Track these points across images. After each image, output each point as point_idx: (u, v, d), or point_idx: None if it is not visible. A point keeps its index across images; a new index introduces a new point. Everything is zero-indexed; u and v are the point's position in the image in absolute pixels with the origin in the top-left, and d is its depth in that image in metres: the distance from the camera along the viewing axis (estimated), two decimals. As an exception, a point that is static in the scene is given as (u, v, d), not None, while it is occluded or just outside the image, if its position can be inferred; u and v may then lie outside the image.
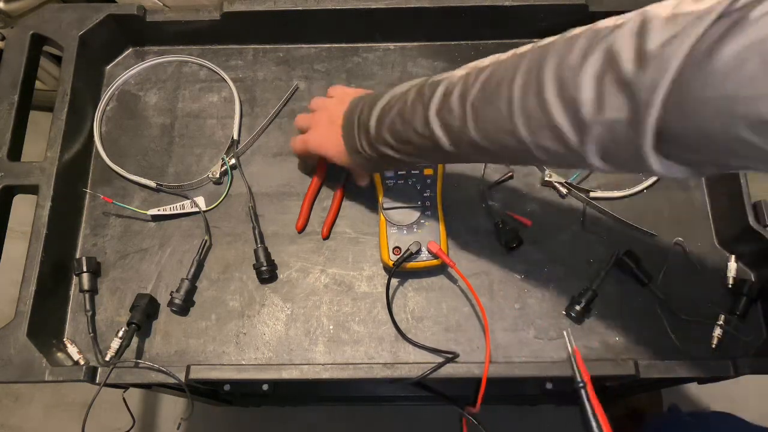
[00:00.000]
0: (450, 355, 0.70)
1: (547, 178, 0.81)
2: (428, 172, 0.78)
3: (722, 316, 0.74)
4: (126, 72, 0.90)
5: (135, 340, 0.75)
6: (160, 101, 0.89)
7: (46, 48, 0.87)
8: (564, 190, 0.81)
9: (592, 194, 0.81)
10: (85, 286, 0.76)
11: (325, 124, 0.73)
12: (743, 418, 0.91)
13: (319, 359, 0.75)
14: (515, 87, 0.49)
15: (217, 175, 0.83)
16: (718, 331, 0.73)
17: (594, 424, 0.63)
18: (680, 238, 0.79)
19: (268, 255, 0.78)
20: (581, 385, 0.66)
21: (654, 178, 0.82)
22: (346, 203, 0.82)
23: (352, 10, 0.86)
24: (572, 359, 0.67)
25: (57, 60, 1.31)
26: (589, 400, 0.65)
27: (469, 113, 0.54)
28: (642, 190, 0.82)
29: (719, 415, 0.93)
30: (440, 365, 0.69)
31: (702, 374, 0.69)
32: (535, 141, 0.50)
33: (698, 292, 0.77)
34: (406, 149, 0.62)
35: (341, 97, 0.73)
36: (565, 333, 0.71)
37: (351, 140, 0.68)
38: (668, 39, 0.39)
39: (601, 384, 1.10)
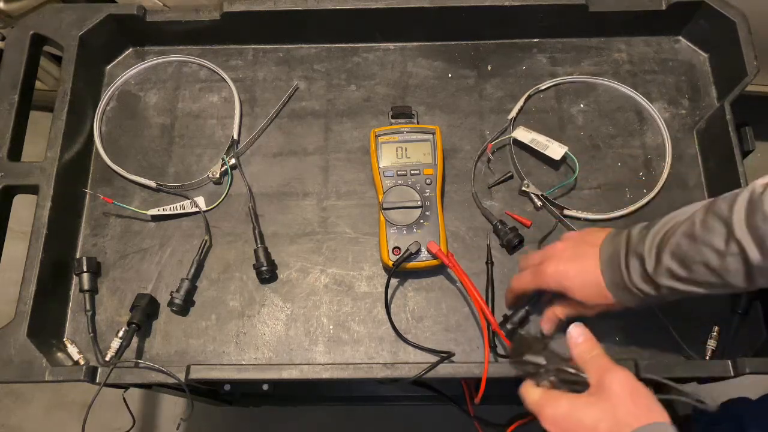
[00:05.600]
0: (445, 355, 0.70)
1: (524, 188, 0.80)
2: (428, 172, 0.78)
3: (716, 329, 0.74)
4: (126, 72, 0.90)
5: (135, 340, 0.75)
6: (160, 101, 0.89)
7: (46, 48, 0.87)
8: (539, 203, 0.80)
9: (566, 212, 0.80)
10: (85, 286, 0.76)
11: (569, 257, 0.65)
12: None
13: (319, 359, 0.75)
14: None
15: (217, 175, 0.83)
16: (712, 343, 0.73)
17: None
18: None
19: (268, 255, 0.78)
20: None
21: (638, 205, 0.80)
22: (346, 203, 0.82)
23: (352, 10, 0.86)
24: None
25: (57, 60, 1.31)
26: None
27: None
28: (620, 217, 0.80)
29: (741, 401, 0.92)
30: (435, 365, 0.69)
31: (702, 374, 0.69)
32: None
33: (698, 292, 0.76)
34: (695, 276, 0.56)
35: (587, 233, 0.68)
36: None
37: (615, 274, 0.62)
38: None
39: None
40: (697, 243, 0.55)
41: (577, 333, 0.62)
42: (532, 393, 0.60)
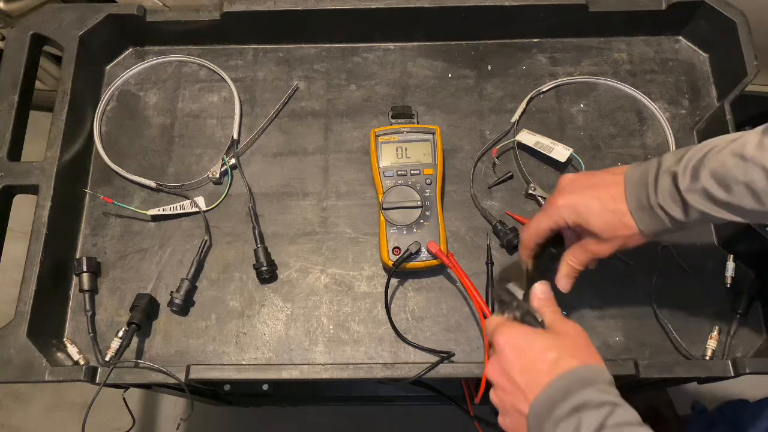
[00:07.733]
0: (445, 355, 0.70)
1: (530, 191, 0.80)
2: (428, 172, 0.78)
3: (716, 329, 0.74)
4: (126, 72, 0.90)
5: (135, 340, 0.75)
6: (160, 101, 0.89)
7: (46, 48, 0.87)
8: None
9: None
10: (85, 286, 0.76)
11: (582, 185, 0.63)
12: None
13: (319, 359, 0.75)
14: None
15: (217, 175, 0.83)
16: (712, 343, 0.73)
17: None
18: (679, 239, 0.79)
19: (268, 255, 0.78)
20: None
21: None
22: (346, 203, 0.82)
23: (352, 10, 0.86)
24: None
25: (57, 60, 1.31)
26: None
27: None
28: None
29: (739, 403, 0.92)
30: (435, 365, 0.69)
31: (702, 374, 0.69)
32: None
33: (698, 292, 0.77)
34: (733, 199, 0.54)
35: (600, 171, 0.64)
36: None
37: (641, 194, 0.59)
38: None
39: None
40: (747, 162, 0.53)
41: (540, 290, 0.62)
42: (494, 319, 0.62)
